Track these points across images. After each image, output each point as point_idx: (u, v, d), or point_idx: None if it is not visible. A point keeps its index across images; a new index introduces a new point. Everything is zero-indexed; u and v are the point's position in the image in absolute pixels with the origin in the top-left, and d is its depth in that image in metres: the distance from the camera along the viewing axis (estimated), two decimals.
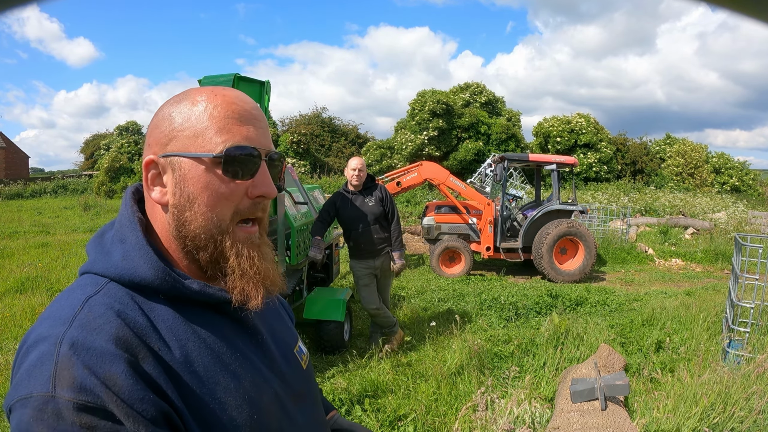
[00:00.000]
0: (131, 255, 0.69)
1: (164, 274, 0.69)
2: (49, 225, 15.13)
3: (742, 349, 3.77)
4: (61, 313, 0.64)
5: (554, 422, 3.02)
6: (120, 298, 0.67)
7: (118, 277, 0.68)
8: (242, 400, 0.70)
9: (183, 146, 0.71)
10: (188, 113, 0.72)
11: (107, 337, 0.61)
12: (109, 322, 0.63)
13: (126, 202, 0.76)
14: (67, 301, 0.66)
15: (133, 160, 29.96)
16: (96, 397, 0.57)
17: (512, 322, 5.86)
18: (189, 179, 0.71)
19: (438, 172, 9.10)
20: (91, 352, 0.60)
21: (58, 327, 0.62)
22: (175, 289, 0.69)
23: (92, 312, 0.64)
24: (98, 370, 0.59)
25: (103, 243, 0.73)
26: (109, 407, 0.58)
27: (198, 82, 4.56)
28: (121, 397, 0.58)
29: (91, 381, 0.58)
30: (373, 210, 4.50)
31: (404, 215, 16.12)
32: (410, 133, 25.88)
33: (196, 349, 0.69)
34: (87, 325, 0.62)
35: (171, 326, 0.68)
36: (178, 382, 0.65)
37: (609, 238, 11.50)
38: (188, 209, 0.71)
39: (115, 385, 0.59)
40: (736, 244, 4.69)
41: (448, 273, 8.86)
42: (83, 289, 0.68)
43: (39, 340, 0.62)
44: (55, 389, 0.57)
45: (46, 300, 6.51)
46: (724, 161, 27.90)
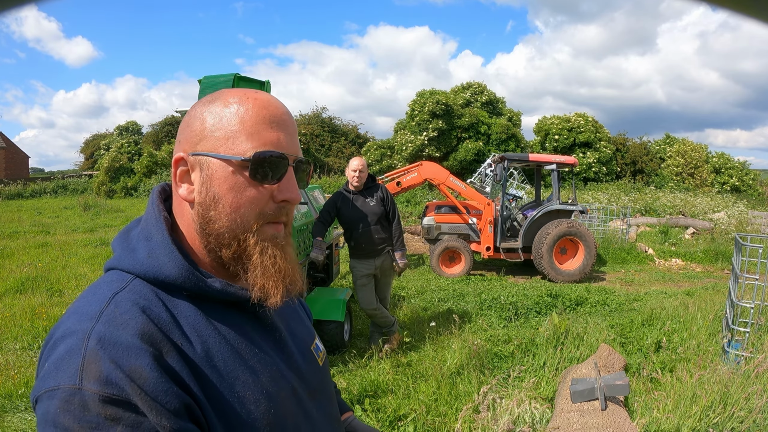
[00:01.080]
0: (157, 253, 0.71)
1: (188, 272, 0.71)
2: (49, 225, 15.13)
3: (741, 349, 3.77)
4: (89, 309, 0.66)
5: (554, 422, 3.02)
6: (145, 295, 0.69)
7: (144, 274, 0.70)
8: (260, 394, 0.72)
9: (213, 147, 0.73)
10: (220, 114, 0.73)
11: (133, 332, 0.64)
12: (135, 318, 0.65)
13: (153, 200, 0.77)
14: (93, 296, 0.69)
15: (133, 160, 29.96)
16: (121, 390, 0.60)
17: (512, 322, 5.86)
18: (216, 179, 0.72)
19: (438, 172, 9.10)
20: (118, 347, 0.62)
21: (85, 322, 0.64)
22: (198, 288, 0.71)
23: (118, 308, 0.66)
24: (124, 364, 0.61)
25: (128, 240, 0.75)
26: (134, 400, 0.60)
27: (198, 82, 4.57)
28: (145, 390, 0.61)
29: (117, 374, 0.60)
30: (374, 210, 4.50)
31: (404, 215, 16.12)
32: (410, 134, 25.88)
33: (217, 344, 0.71)
34: (113, 321, 0.64)
35: (193, 323, 0.70)
36: (199, 376, 0.67)
37: (609, 238, 11.50)
38: (213, 208, 0.73)
39: (140, 377, 0.61)
40: (736, 244, 4.69)
41: (448, 273, 8.86)
42: (109, 285, 0.70)
43: (67, 335, 0.64)
44: (82, 382, 0.59)
45: (46, 300, 6.52)
46: (724, 161, 27.89)
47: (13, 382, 4.00)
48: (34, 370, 3.60)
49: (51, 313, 5.81)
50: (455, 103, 26.90)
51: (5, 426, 3.45)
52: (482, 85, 29.54)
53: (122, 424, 0.59)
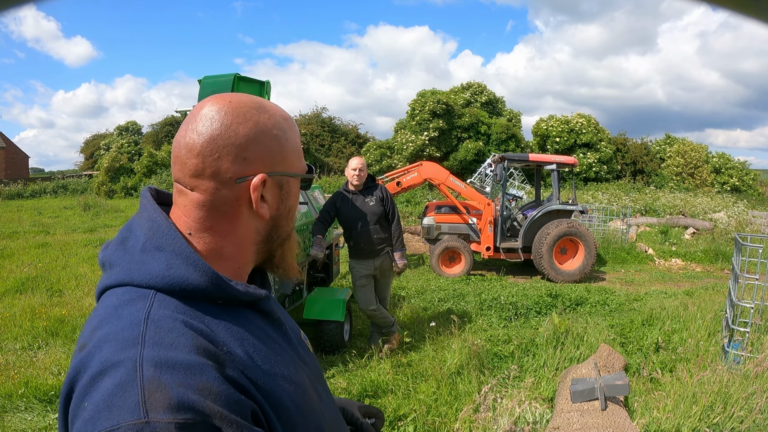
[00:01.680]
0: (175, 263, 0.68)
1: (217, 279, 0.69)
2: (49, 225, 15.13)
3: (741, 349, 3.77)
4: (123, 335, 0.62)
5: (554, 422, 3.02)
6: (176, 308, 0.66)
7: (166, 286, 0.67)
8: (293, 384, 0.74)
9: (290, 166, 0.78)
10: (285, 134, 0.77)
11: (187, 350, 0.61)
12: (183, 335, 0.63)
13: (152, 207, 0.74)
14: (122, 320, 0.64)
15: (133, 161, 29.96)
16: (196, 413, 0.57)
17: (512, 322, 5.86)
18: (292, 194, 0.80)
19: (438, 172, 9.10)
20: (179, 369, 0.59)
21: (128, 350, 0.60)
22: (226, 293, 0.71)
23: (160, 328, 0.63)
24: (192, 385, 0.58)
25: (130, 251, 0.71)
26: (210, 420, 0.57)
27: (198, 82, 4.57)
28: (219, 406, 0.59)
29: (188, 397, 0.57)
30: (374, 210, 4.50)
31: (404, 215, 16.12)
32: (410, 134, 25.88)
33: (251, 345, 0.70)
34: (161, 343, 0.61)
35: (225, 328, 0.69)
36: (251, 379, 0.66)
37: (609, 238, 11.50)
38: (285, 218, 0.80)
39: (211, 394, 0.59)
40: (736, 244, 4.69)
41: (448, 273, 8.86)
42: (133, 304, 0.66)
43: (108, 367, 0.59)
44: (147, 414, 0.55)
45: (46, 300, 6.52)
46: (724, 161, 27.89)
47: (13, 382, 4.00)
48: (34, 370, 3.58)
49: (51, 313, 5.82)
50: (455, 103, 26.91)
51: (5, 426, 3.45)
52: (482, 85, 29.55)
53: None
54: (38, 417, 3.56)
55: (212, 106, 0.74)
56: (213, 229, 0.74)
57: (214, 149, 0.71)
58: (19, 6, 0.54)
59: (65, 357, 4.62)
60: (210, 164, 0.71)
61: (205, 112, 0.73)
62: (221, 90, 4.38)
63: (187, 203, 0.74)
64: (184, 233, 0.73)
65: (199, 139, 0.72)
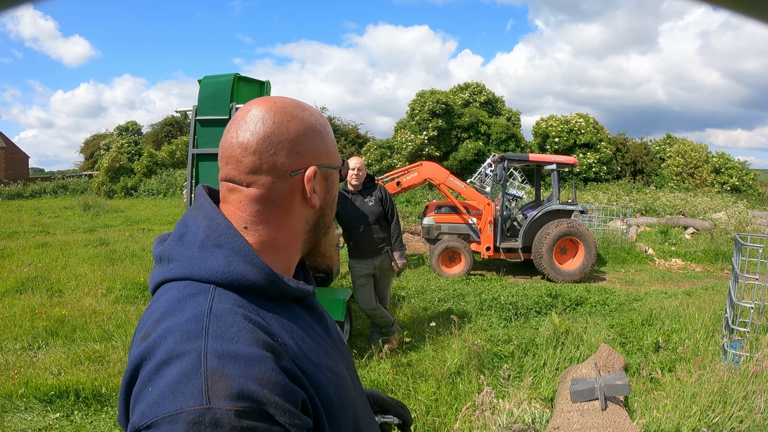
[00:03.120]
0: (234, 260, 0.72)
1: (273, 276, 0.74)
2: (49, 225, 15.13)
3: (740, 349, 3.77)
4: (188, 327, 0.66)
5: (554, 422, 3.02)
6: (235, 302, 0.70)
7: (226, 281, 0.71)
8: (335, 375, 0.78)
9: (332, 159, 0.84)
10: (325, 129, 0.84)
11: (248, 343, 0.65)
12: (243, 329, 0.67)
13: (210, 205, 0.78)
14: (185, 313, 0.68)
15: (133, 161, 29.95)
16: (254, 402, 0.61)
17: (512, 322, 5.86)
18: (334, 185, 0.87)
19: (438, 172, 9.10)
20: (241, 360, 0.63)
21: (192, 341, 0.64)
22: (280, 289, 0.75)
23: (222, 321, 0.66)
24: (252, 375, 0.62)
25: (189, 247, 0.75)
26: (266, 408, 0.62)
27: (198, 82, 4.57)
28: (275, 395, 0.63)
29: (248, 387, 0.61)
30: (373, 210, 4.50)
31: (404, 215, 16.12)
32: (410, 133, 25.88)
33: (301, 338, 0.75)
34: (224, 336, 0.65)
35: (278, 321, 0.73)
36: (301, 369, 0.70)
37: (609, 238, 11.50)
38: (329, 207, 0.86)
39: (269, 384, 0.63)
40: (736, 244, 4.69)
41: (448, 273, 8.86)
42: (195, 298, 0.70)
43: (174, 356, 0.63)
44: (210, 401, 0.59)
45: (46, 300, 6.52)
46: (724, 161, 27.89)
47: (13, 382, 4.00)
48: (34, 370, 3.59)
49: (51, 313, 5.82)
50: (454, 103, 26.91)
51: (5, 426, 3.45)
52: (481, 85, 29.54)
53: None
54: (38, 417, 3.56)
55: (260, 107, 0.79)
56: (268, 222, 0.79)
57: (269, 146, 0.76)
58: (18, 6, 0.54)
59: (65, 357, 4.62)
60: (267, 160, 0.76)
61: (254, 113, 0.78)
62: (221, 90, 4.38)
63: (242, 199, 0.78)
64: (240, 228, 0.77)
65: (253, 138, 0.76)
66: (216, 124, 4.41)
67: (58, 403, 3.71)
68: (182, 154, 28.22)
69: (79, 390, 3.82)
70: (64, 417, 3.58)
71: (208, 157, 4.51)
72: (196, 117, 4.48)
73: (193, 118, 4.50)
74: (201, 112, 4.45)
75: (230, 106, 4.29)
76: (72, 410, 3.65)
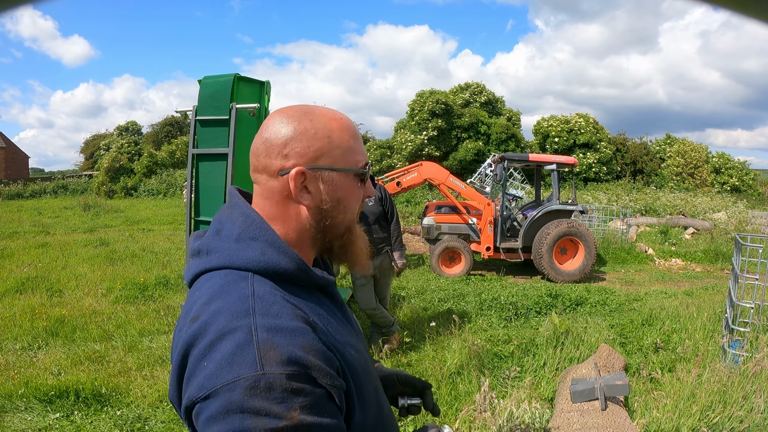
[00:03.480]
0: (268, 251, 0.82)
1: (302, 265, 0.83)
2: (49, 225, 15.13)
3: (741, 349, 3.77)
4: (236, 307, 0.75)
5: (554, 422, 3.02)
6: (272, 286, 0.80)
7: (262, 269, 0.81)
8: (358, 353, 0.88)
9: (334, 161, 0.87)
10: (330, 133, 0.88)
11: (290, 318, 0.76)
12: (285, 306, 0.77)
13: (244, 203, 0.89)
14: (231, 296, 0.77)
15: (133, 161, 29.95)
16: (301, 366, 0.71)
17: (512, 322, 5.86)
18: (341, 187, 0.89)
19: (438, 172, 9.10)
20: (287, 332, 0.73)
21: (242, 319, 0.73)
22: (309, 276, 0.84)
23: (265, 301, 0.76)
24: (297, 344, 0.72)
25: (226, 240, 0.85)
26: (311, 372, 0.71)
27: (198, 82, 4.57)
28: (319, 361, 0.73)
29: (295, 354, 0.71)
30: (372, 210, 4.50)
31: (404, 215, 16.12)
32: (410, 133, 25.88)
33: (326, 320, 0.84)
34: (269, 313, 0.75)
35: (307, 305, 0.82)
36: (332, 345, 0.79)
37: (609, 238, 11.50)
38: (336, 209, 0.89)
39: (312, 350, 0.73)
40: (736, 244, 4.69)
41: (448, 273, 8.86)
42: (237, 283, 0.79)
43: (226, 333, 0.72)
44: (263, 367, 0.69)
45: (46, 300, 6.52)
46: (724, 161, 27.89)
47: (13, 382, 4.00)
48: (34, 370, 3.59)
49: (51, 313, 5.82)
50: (454, 103, 26.91)
51: (5, 426, 3.45)
52: (481, 85, 29.54)
53: (303, 394, 0.70)
54: (38, 417, 3.56)
55: (273, 116, 0.90)
56: (276, 218, 0.88)
57: (266, 149, 0.87)
58: (18, 6, 0.54)
59: (65, 357, 4.62)
60: (262, 161, 0.87)
61: (267, 122, 0.90)
62: (221, 90, 4.37)
63: (255, 195, 0.90)
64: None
65: (258, 142, 0.89)
66: (216, 124, 4.40)
67: (58, 403, 3.71)
68: (182, 154, 28.22)
69: (79, 390, 3.81)
70: (64, 417, 3.58)
71: (208, 157, 4.51)
72: (196, 117, 4.48)
73: (193, 118, 4.50)
74: (201, 112, 4.45)
75: (230, 106, 4.29)
76: (72, 410, 3.65)
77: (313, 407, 0.70)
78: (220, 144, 4.38)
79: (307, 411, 0.70)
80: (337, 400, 0.75)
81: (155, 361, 4.53)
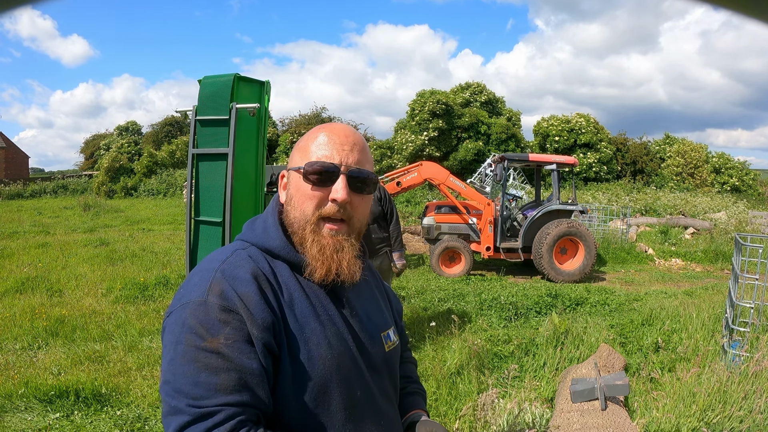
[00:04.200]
0: (269, 231, 1.03)
1: (286, 245, 1.01)
2: (49, 225, 15.13)
3: (741, 349, 3.77)
4: (218, 256, 0.99)
5: (554, 422, 3.02)
6: (256, 254, 1.00)
7: (258, 243, 1.02)
8: (323, 340, 0.97)
9: (294, 162, 1.04)
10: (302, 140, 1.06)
11: (246, 271, 0.94)
12: (247, 264, 0.96)
13: (275, 198, 1.10)
14: (222, 252, 1.01)
15: (133, 160, 29.95)
16: (233, 304, 0.89)
17: (512, 322, 5.86)
18: (292, 185, 1.04)
19: (438, 172, 9.10)
20: (234, 277, 0.92)
21: (214, 263, 0.96)
22: (291, 257, 1.00)
23: (237, 258, 0.98)
24: (237, 288, 0.91)
25: (254, 222, 1.08)
26: (240, 311, 0.89)
27: (198, 82, 4.57)
28: (248, 307, 0.89)
29: (232, 294, 0.90)
30: (372, 210, 4.48)
31: (404, 215, 16.12)
32: (410, 134, 25.88)
33: (299, 297, 0.98)
34: (233, 264, 0.96)
35: (285, 279, 0.99)
36: (282, 312, 0.94)
37: (609, 238, 11.50)
38: (289, 204, 1.04)
39: (247, 299, 0.90)
40: (736, 244, 4.69)
41: (448, 273, 8.86)
42: (234, 246, 1.03)
43: (199, 271, 0.96)
44: (207, 296, 0.89)
45: (46, 300, 6.52)
46: (724, 161, 27.88)
47: (13, 382, 4.00)
48: (34, 370, 3.61)
49: (51, 313, 5.82)
50: (454, 103, 26.90)
51: (5, 426, 3.45)
52: (481, 85, 29.54)
53: (230, 327, 0.87)
54: (38, 417, 3.56)
55: None
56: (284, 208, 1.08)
57: None
58: (17, 6, 0.54)
59: (65, 357, 4.62)
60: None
61: None
62: (221, 90, 4.37)
63: None
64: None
65: None
66: (216, 124, 4.40)
67: (58, 403, 3.71)
68: (182, 154, 28.21)
69: (79, 390, 3.81)
70: (64, 417, 3.58)
71: (208, 157, 4.51)
72: (196, 117, 4.47)
73: (193, 118, 4.50)
74: (201, 112, 4.45)
75: (230, 106, 4.29)
76: (72, 410, 3.65)
77: (233, 342, 0.86)
78: (220, 144, 4.37)
79: (226, 341, 0.86)
80: (258, 350, 0.88)
81: (155, 361, 4.53)
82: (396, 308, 1.29)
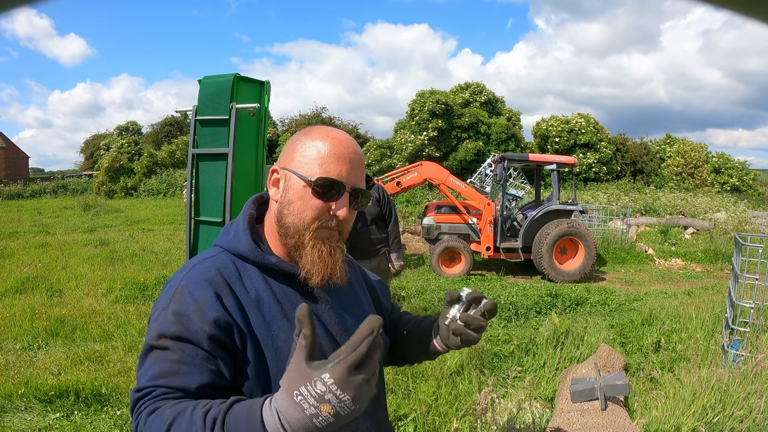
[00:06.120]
0: (239, 236, 1.07)
1: (254, 249, 1.05)
2: (49, 225, 15.13)
3: (741, 349, 3.77)
4: (188, 265, 1.06)
5: (554, 422, 3.02)
6: (224, 260, 1.05)
7: (228, 248, 1.07)
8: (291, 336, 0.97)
9: (296, 166, 1.04)
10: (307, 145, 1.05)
11: (204, 278, 1.00)
12: (209, 271, 1.02)
13: (247, 203, 1.15)
14: (194, 260, 1.07)
15: (133, 160, 29.95)
16: (186, 306, 0.96)
17: (512, 322, 5.86)
18: (292, 189, 1.04)
19: (438, 172, 9.10)
20: (193, 284, 0.99)
21: (183, 272, 1.04)
22: (260, 260, 1.05)
23: (204, 265, 1.03)
24: (194, 293, 0.97)
25: (229, 228, 1.12)
26: (191, 314, 0.95)
27: (198, 82, 4.57)
28: (201, 307, 0.96)
29: (188, 299, 0.97)
30: (370, 210, 4.48)
31: (404, 215, 16.12)
32: (410, 134, 25.89)
33: (267, 297, 1.03)
34: (196, 271, 1.02)
35: (253, 281, 1.04)
36: (245, 312, 0.99)
37: (609, 238, 11.50)
38: (286, 208, 1.05)
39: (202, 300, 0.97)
40: (736, 244, 4.69)
41: (448, 273, 8.86)
42: (206, 253, 1.09)
43: (173, 279, 1.04)
44: (170, 303, 0.97)
45: (46, 300, 6.52)
46: (724, 161, 27.91)
47: (13, 382, 4.00)
48: (34, 370, 3.63)
49: (51, 313, 5.82)
50: (454, 102, 26.91)
51: (5, 426, 3.45)
52: (481, 85, 29.56)
53: (180, 324, 0.94)
54: (38, 417, 3.56)
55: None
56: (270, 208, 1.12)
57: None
58: (18, 7, 0.54)
59: (65, 357, 4.62)
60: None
61: None
62: (221, 90, 4.37)
63: None
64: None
65: None
66: (216, 124, 4.40)
67: (58, 403, 3.71)
68: (182, 154, 28.22)
69: (79, 390, 3.81)
70: (64, 417, 3.58)
71: (208, 157, 4.51)
72: (196, 117, 4.47)
73: (193, 118, 4.50)
74: (201, 112, 4.45)
75: (230, 106, 4.29)
76: (72, 410, 3.65)
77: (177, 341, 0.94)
78: (220, 144, 4.37)
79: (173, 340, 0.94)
80: (206, 347, 0.93)
81: None
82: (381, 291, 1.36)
